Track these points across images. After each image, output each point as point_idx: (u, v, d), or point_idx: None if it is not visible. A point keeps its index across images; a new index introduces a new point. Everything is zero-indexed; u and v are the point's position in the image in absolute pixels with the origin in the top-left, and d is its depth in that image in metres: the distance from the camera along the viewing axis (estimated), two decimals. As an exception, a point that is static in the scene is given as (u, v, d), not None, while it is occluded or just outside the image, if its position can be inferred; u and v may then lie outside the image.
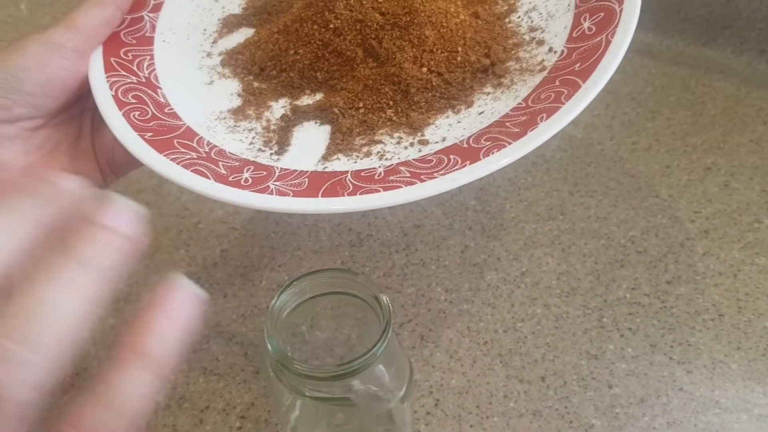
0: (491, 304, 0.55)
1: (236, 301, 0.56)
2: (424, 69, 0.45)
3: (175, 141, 0.43)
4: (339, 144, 0.43)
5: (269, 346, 0.40)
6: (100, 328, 0.56)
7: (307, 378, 0.39)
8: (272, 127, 0.45)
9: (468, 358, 0.52)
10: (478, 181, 0.64)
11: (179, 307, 0.24)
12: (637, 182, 0.63)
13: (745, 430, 0.47)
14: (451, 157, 0.39)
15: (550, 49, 0.44)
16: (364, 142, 0.43)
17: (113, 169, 0.48)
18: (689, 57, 0.73)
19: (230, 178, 0.40)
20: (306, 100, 0.47)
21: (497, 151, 0.38)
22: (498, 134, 0.40)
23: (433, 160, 0.40)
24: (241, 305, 0.56)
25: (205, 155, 0.43)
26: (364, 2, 0.46)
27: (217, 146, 0.44)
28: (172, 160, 0.41)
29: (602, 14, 0.43)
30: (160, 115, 0.45)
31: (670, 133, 0.66)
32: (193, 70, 0.50)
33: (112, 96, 0.44)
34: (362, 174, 0.40)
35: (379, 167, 0.41)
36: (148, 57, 0.48)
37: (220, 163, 0.42)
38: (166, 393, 0.51)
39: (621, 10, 0.42)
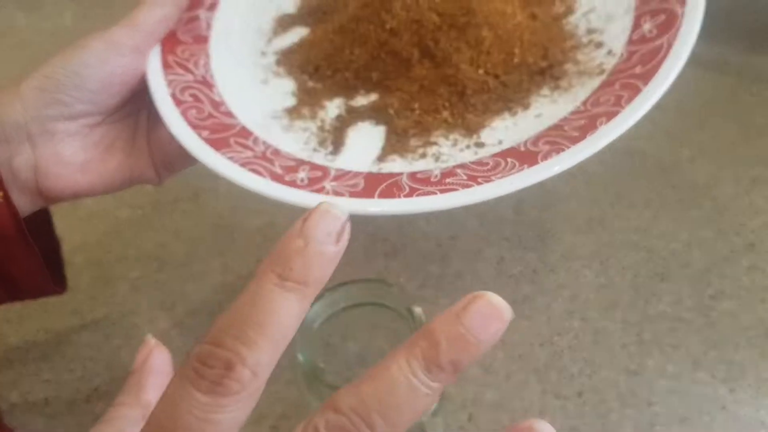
0: (527, 317, 0.54)
1: (270, 311, 0.57)
2: (481, 71, 0.45)
3: (231, 139, 0.44)
4: (394, 145, 0.44)
5: (300, 357, 0.40)
6: (134, 335, 0.57)
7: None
8: (327, 126, 0.46)
9: (503, 372, 0.51)
10: (516, 192, 0.63)
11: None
12: (680, 194, 0.61)
13: (793, 452, 0.46)
14: (509, 160, 0.39)
15: (609, 52, 0.44)
16: (419, 143, 0.44)
17: (167, 165, 0.48)
18: (737, 65, 0.72)
19: (286, 178, 0.41)
20: (361, 100, 0.47)
21: (556, 154, 0.37)
22: (556, 138, 0.39)
23: (489, 163, 0.40)
24: (274, 315, 0.56)
25: (260, 154, 0.43)
26: (421, 3, 0.46)
27: (272, 145, 0.44)
28: (228, 158, 0.42)
29: (663, 17, 0.42)
30: (216, 114, 0.45)
31: (715, 143, 0.65)
32: (248, 68, 0.50)
33: (170, 94, 0.45)
34: (418, 176, 0.40)
35: (435, 169, 0.41)
36: (204, 55, 0.49)
37: (276, 163, 0.42)
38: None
39: (683, 13, 0.41)
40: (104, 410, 0.51)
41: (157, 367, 0.29)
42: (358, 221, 0.64)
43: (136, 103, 0.48)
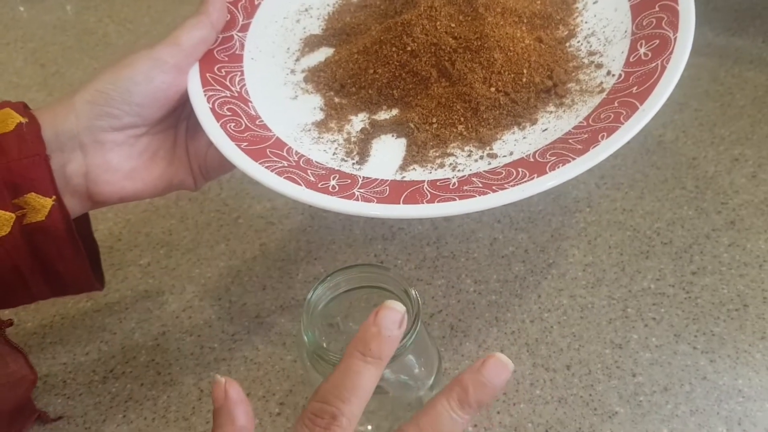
0: (518, 295, 0.57)
1: (275, 293, 0.59)
2: (493, 89, 0.48)
3: (267, 150, 0.47)
4: (415, 155, 0.47)
5: (305, 338, 0.43)
6: (146, 318, 0.59)
7: (341, 368, 0.42)
8: (353, 139, 0.50)
9: (496, 347, 0.54)
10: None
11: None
12: (663, 174, 0.63)
13: (768, 417, 0.48)
14: (519, 170, 0.43)
15: (609, 73, 0.48)
16: (437, 154, 0.47)
17: (204, 173, 0.52)
18: (718, 47, 0.74)
19: (319, 185, 0.45)
20: (383, 115, 0.51)
21: (562, 165, 0.41)
22: (562, 150, 0.43)
23: (502, 173, 0.43)
24: (279, 297, 0.59)
25: (294, 164, 0.47)
26: (439, 27, 0.50)
27: (304, 155, 0.48)
28: (267, 167, 0.45)
29: (657, 41, 0.46)
30: (252, 127, 0.49)
31: (697, 124, 0.67)
32: (279, 85, 0.54)
33: (210, 109, 0.48)
34: (438, 183, 0.44)
35: (453, 178, 0.45)
36: (239, 73, 0.52)
37: (309, 171, 0.46)
38: (209, 381, 0.54)
39: (675, 38, 0.45)
40: (120, 390, 0.54)
41: (236, 397, 0.36)
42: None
43: (177, 115, 0.51)
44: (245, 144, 0.47)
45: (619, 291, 0.56)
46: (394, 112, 0.51)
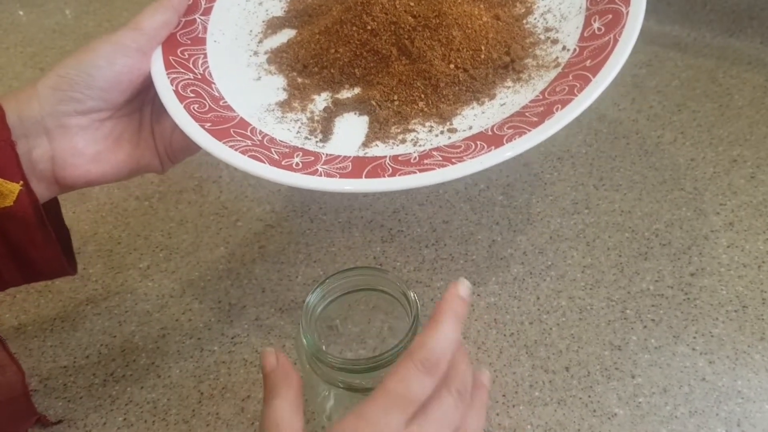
0: (517, 297, 0.57)
1: (274, 296, 0.59)
2: (452, 66, 0.50)
3: (231, 130, 0.48)
4: (377, 132, 0.48)
5: (304, 341, 0.43)
6: (146, 321, 0.59)
7: (340, 370, 0.42)
8: (316, 117, 0.50)
9: (495, 349, 0.54)
10: (505, 177, 0.65)
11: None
12: (662, 175, 0.64)
13: (767, 419, 0.48)
14: (478, 143, 0.44)
15: (564, 48, 0.49)
16: (399, 130, 0.48)
17: (170, 155, 0.53)
18: (716, 49, 0.74)
19: (283, 162, 0.46)
20: (345, 94, 0.52)
21: (519, 137, 0.42)
22: (519, 123, 0.44)
23: (461, 146, 0.44)
24: (278, 299, 0.59)
25: (258, 143, 0.48)
26: (398, 6, 0.51)
27: (268, 135, 0.49)
28: (230, 147, 0.46)
29: (610, 16, 0.47)
30: (216, 108, 0.50)
31: (696, 125, 0.67)
32: (242, 67, 0.55)
33: (173, 91, 0.49)
34: (399, 158, 0.45)
35: (414, 152, 0.46)
36: (202, 56, 0.53)
37: (273, 150, 0.47)
38: (209, 384, 0.54)
39: (627, 12, 0.46)
40: (120, 393, 0.54)
41: (288, 362, 0.39)
42: (357, 211, 0.66)
43: (141, 99, 0.52)
44: (209, 124, 0.47)
45: (617, 292, 0.56)
46: (356, 90, 0.52)
